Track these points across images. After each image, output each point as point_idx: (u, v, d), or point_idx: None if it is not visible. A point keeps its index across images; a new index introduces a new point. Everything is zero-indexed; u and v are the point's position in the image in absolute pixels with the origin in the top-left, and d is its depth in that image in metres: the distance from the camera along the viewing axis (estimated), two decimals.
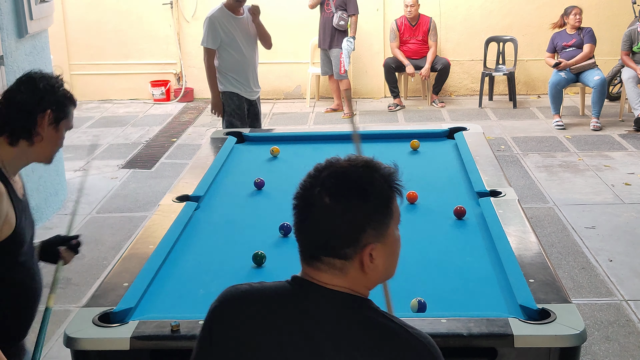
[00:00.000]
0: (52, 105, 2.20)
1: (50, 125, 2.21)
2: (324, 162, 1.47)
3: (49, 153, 2.30)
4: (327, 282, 1.45)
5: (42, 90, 2.20)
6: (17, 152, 2.21)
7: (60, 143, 2.30)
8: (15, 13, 5.13)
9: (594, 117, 7.72)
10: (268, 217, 3.25)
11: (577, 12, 7.92)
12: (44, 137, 2.21)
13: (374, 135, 4.51)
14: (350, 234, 1.41)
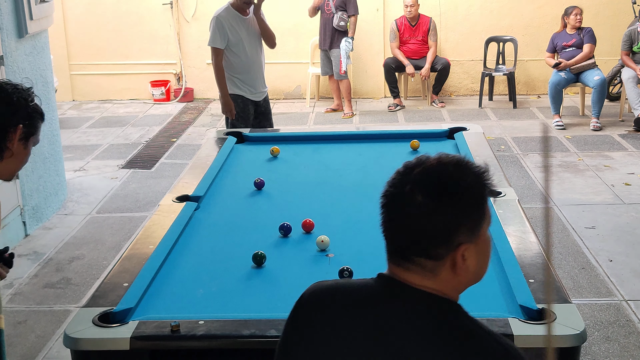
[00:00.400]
0: (24, 120, 2.12)
1: (20, 141, 2.13)
2: (413, 160, 1.43)
3: (14, 169, 2.20)
4: (417, 282, 1.42)
5: (16, 104, 2.10)
6: None
7: (26, 160, 2.21)
8: (15, 13, 5.13)
9: (594, 118, 7.72)
10: (268, 217, 3.25)
11: (577, 12, 7.92)
12: (13, 152, 2.12)
13: (374, 135, 4.51)
14: (443, 233, 1.38)
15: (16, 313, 4.17)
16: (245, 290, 2.61)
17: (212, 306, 2.48)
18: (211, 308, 2.47)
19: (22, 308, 4.23)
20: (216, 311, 2.43)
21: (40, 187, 5.48)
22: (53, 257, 4.91)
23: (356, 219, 3.23)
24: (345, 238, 3.01)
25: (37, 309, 4.21)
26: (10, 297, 4.37)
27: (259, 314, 2.36)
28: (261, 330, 2.21)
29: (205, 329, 2.23)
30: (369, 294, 1.47)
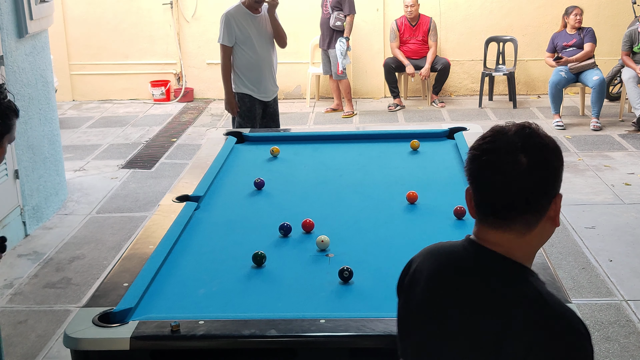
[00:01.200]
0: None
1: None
2: (495, 128, 1.51)
3: None
4: (509, 245, 1.50)
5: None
6: None
7: (2, 157, 2.15)
8: (15, 13, 5.13)
9: (593, 117, 7.73)
10: (268, 217, 3.25)
11: (577, 13, 7.92)
12: None
13: (374, 135, 4.51)
14: (546, 185, 1.49)
15: (16, 313, 4.17)
16: (245, 290, 2.61)
17: (212, 306, 2.48)
18: (211, 308, 2.47)
19: (22, 308, 4.23)
20: (216, 311, 2.43)
21: (41, 187, 5.48)
22: (53, 257, 4.91)
23: (356, 218, 3.23)
24: (345, 238, 3.01)
25: (37, 309, 4.21)
26: (10, 297, 4.37)
27: (259, 314, 2.36)
28: (261, 330, 2.21)
29: (205, 329, 2.23)
30: (461, 258, 1.57)
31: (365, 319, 2.26)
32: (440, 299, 1.55)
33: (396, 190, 3.51)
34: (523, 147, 1.45)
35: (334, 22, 8.23)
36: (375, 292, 2.55)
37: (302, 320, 2.27)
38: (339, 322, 2.25)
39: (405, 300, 1.65)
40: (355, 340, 2.21)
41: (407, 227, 3.16)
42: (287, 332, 2.22)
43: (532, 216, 1.48)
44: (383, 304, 2.46)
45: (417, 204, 3.35)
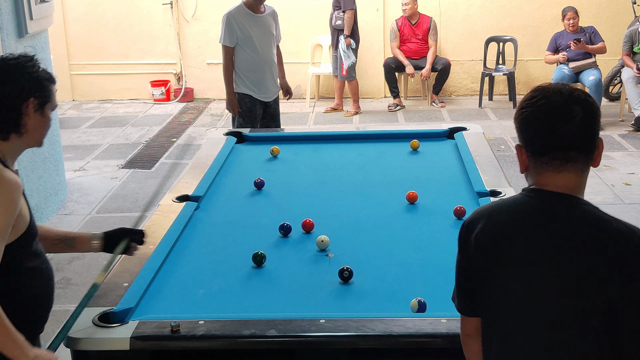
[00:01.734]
0: (34, 92, 2.14)
1: (35, 112, 2.16)
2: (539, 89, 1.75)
3: (40, 137, 2.26)
4: (570, 183, 1.71)
5: (22, 79, 2.12)
6: (10, 145, 2.20)
7: (48, 125, 2.24)
8: (15, 13, 5.12)
9: None
10: (268, 217, 3.25)
11: (571, 17, 7.93)
12: (31, 125, 2.17)
13: (374, 135, 4.51)
14: (597, 130, 1.73)
15: None
16: (245, 290, 2.61)
17: (212, 306, 2.48)
18: (211, 308, 2.47)
19: None
20: (216, 311, 2.43)
21: (40, 187, 5.48)
22: (53, 257, 4.89)
23: (356, 218, 3.23)
24: (345, 238, 3.01)
25: None
26: None
27: (259, 314, 2.36)
28: (261, 330, 2.21)
29: (205, 329, 2.23)
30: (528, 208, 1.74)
31: (365, 319, 2.26)
32: (539, 247, 1.69)
33: (396, 190, 3.51)
34: (573, 99, 1.70)
35: (335, 22, 8.24)
36: (375, 292, 2.55)
37: (302, 321, 2.27)
38: (338, 322, 2.25)
39: (488, 259, 1.74)
40: (355, 340, 2.21)
41: (407, 227, 3.16)
42: (287, 332, 2.22)
43: (588, 155, 1.71)
44: (383, 304, 2.46)
45: (417, 204, 3.35)
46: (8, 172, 2.13)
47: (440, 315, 2.27)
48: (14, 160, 2.25)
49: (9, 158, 2.21)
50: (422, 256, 2.82)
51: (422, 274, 2.67)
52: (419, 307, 2.35)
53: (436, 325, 2.21)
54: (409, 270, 2.71)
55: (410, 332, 2.20)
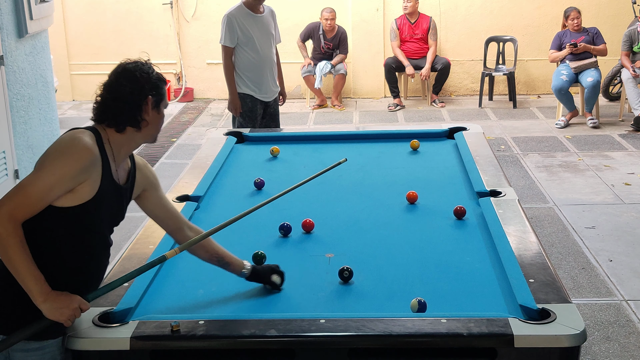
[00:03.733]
0: (151, 91, 2.35)
1: (153, 110, 2.36)
2: None
3: (155, 133, 2.43)
4: None
5: (141, 80, 2.36)
6: (124, 138, 2.34)
7: (162, 122, 2.44)
8: (15, 13, 5.12)
9: (587, 113, 7.77)
10: (268, 217, 3.25)
11: (574, 17, 7.92)
12: (149, 121, 2.36)
13: (374, 135, 4.51)
14: None
15: None
16: (245, 290, 2.61)
17: (212, 306, 2.48)
18: (211, 308, 2.47)
19: None
20: (216, 311, 2.43)
21: None
22: None
23: (356, 218, 3.23)
24: (345, 238, 3.01)
25: None
26: None
27: (259, 314, 2.36)
28: (261, 330, 2.21)
29: (205, 329, 2.23)
30: None
31: (365, 319, 2.26)
32: None
33: (396, 190, 3.51)
34: None
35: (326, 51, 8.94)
36: (375, 292, 2.55)
37: (302, 320, 2.27)
38: (338, 322, 2.25)
39: None
40: (355, 340, 2.21)
41: (407, 227, 3.16)
42: (287, 332, 2.22)
43: None
44: (383, 304, 2.46)
45: (417, 204, 3.35)
46: (89, 140, 2.24)
47: (440, 315, 2.27)
48: (125, 151, 2.37)
49: (118, 147, 2.34)
50: (422, 256, 2.82)
51: (422, 274, 2.67)
52: (419, 307, 2.35)
53: (436, 325, 2.21)
54: (409, 270, 2.71)
55: (410, 332, 2.20)
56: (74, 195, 2.20)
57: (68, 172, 2.16)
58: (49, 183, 2.14)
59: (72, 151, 2.19)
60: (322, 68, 8.75)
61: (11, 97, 5.06)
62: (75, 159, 2.18)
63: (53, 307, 2.13)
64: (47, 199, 2.16)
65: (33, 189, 2.13)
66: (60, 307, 2.14)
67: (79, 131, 2.27)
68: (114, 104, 2.35)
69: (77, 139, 2.22)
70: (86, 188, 2.22)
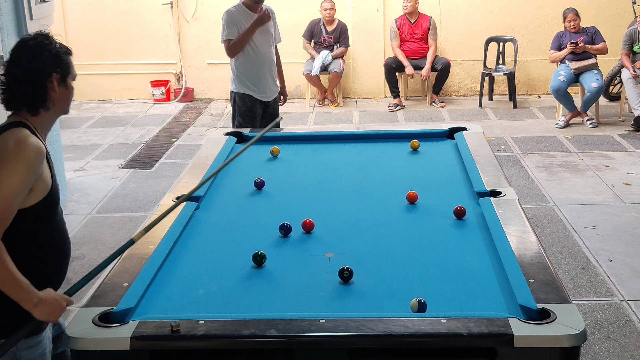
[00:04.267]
0: (55, 67, 2.30)
1: (59, 86, 2.33)
2: None
3: (66, 107, 2.42)
4: None
5: (42, 57, 2.27)
6: (40, 119, 2.34)
7: (72, 94, 2.41)
8: (15, 13, 5.13)
9: (584, 114, 7.78)
10: (268, 217, 3.25)
11: (570, 19, 7.92)
12: (57, 98, 2.33)
13: (374, 135, 4.51)
14: None
15: None
16: (245, 290, 2.61)
17: (212, 306, 2.48)
18: (211, 308, 2.47)
19: None
20: (216, 311, 2.43)
21: None
22: None
23: (356, 218, 3.23)
24: (345, 238, 3.01)
25: None
26: None
27: (259, 314, 2.36)
28: (261, 330, 2.21)
29: (205, 329, 2.23)
30: None
31: (365, 319, 2.26)
32: None
33: (396, 190, 3.51)
34: None
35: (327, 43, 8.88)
36: (375, 292, 2.55)
37: (302, 320, 2.27)
38: (338, 322, 2.25)
39: None
40: (355, 340, 2.21)
41: (407, 227, 3.16)
42: (287, 332, 2.22)
43: None
44: (383, 304, 2.46)
45: (417, 204, 3.35)
46: (32, 138, 2.25)
47: (440, 315, 2.27)
48: (46, 131, 2.40)
49: (40, 130, 2.35)
50: (422, 256, 2.82)
51: (422, 274, 2.67)
52: (419, 307, 2.35)
53: (436, 325, 2.21)
54: (409, 270, 2.71)
55: (410, 332, 2.20)
56: (32, 194, 2.24)
57: (27, 176, 2.18)
58: (13, 192, 2.15)
59: (23, 155, 2.18)
60: (324, 57, 8.75)
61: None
62: (29, 161, 2.19)
63: (44, 312, 2.21)
64: (15, 208, 2.18)
65: (1, 204, 2.14)
66: (51, 310, 2.22)
67: (15, 132, 2.23)
68: (19, 87, 2.28)
69: (20, 141, 2.21)
70: (41, 184, 2.26)
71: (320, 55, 8.77)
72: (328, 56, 8.78)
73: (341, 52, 8.90)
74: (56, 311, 2.23)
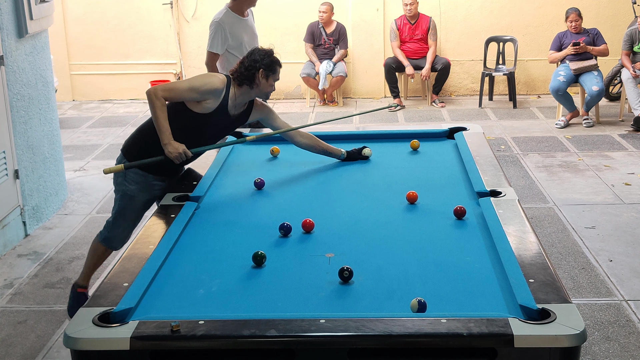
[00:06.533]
0: (263, 66, 3.63)
1: (262, 78, 3.63)
2: None
3: (263, 93, 3.70)
4: None
5: (259, 59, 3.65)
6: (242, 90, 3.65)
7: (270, 88, 3.69)
8: (15, 13, 5.13)
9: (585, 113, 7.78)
10: (268, 217, 3.25)
11: (572, 19, 7.91)
12: (259, 84, 3.64)
13: (374, 135, 4.51)
14: None
15: (16, 313, 4.17)
16: (245, 290, 2.61)
17: (212, 306, 2.48)
18: (211, 308, 2.47)
19: (22, 308, 4.23)
20: (216, 311, 2.43)
21: (41, 187, 5.48)
22: (53, 257, 4.91)
23: (356, 218, 3.23)
24: (345, 238, 3.01)
25: (37, 309, 4.21)
26: (10, 297, 4.37)
27: (259, 314, 2.36)
28: (261, 330, 2.21)
29: (205, 329, 2.23)
30: None
31: (365, 319, 2.26)
32: None
33: (396, 190, 3.51)
34: None
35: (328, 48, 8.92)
36: (375, 292, 2.55)
37: (302, 320, 2.27)
38: (338, 322, 2.25)
39: None
40: (355, 340, 2.21)
41: (407, 227, 3.16)
42: (287, 332, 2.22)
43: None
44: (383, 304, 2.46)
45: (417, 204, 3.35)
46: (219, 78, 3.60)
47: (440, 315, 2.27)
48: (242, 101, 3.70)
49: (237, 97, 3.66)
50: (422, 256, 2.82)
51: (422, 274, 2.67)
52: (418, 307, 2.35)
53: (436, 325, 2.21)
54: (409, 270, 2.71)
55: (410, 332, 2.20)
56: (199, 104, 3.58)
57: (193, 88, 3.54)
58: (187, 87, 3.55)
59: (203, 79, 3.62)
60: (325, 68, 8.76)
61: (11, 97, 5.06)
62: (202, 83, 3.57)
63: (170, 148, 3.50)
64: (182, 96, 3.56)
65: (178, 85, 3.58)
66: (174, 149, 3.50)
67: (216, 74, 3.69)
68: (243, 70, 3.66)
69: (211, 75, 3.67)
70: (203, 103, 3.58)
71: (322, 69, 8.75)
72: (329, 65, 8.77)
73: (342, 56, 8.89)
74: (176, 152, 3.50)
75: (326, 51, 8.91)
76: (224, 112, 3.62)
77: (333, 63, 8.79)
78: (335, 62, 8.82)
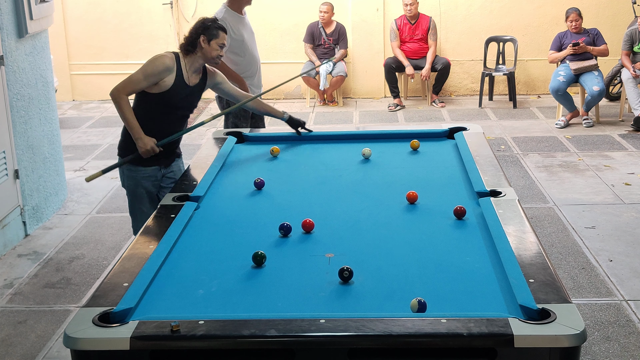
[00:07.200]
0: (203, 31, 3.91)
1: (204, 43, 3.90)
2: None
3: (209, 57, 3.97)
4: None
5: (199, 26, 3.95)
6: (190, 59, 3.96)
7: (215, 52, 3.95)
8: (15, 13, 5.13)
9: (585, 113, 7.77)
10: (268, 217, 3.25)
11: (572, 19, 7.91)
12: (203, 49, 3.92)
13: (374, 135, 4.51)
14: None
15: (16, 313, 4.17)
16: (245, 290, 2.61)
17: (212, 306, 2.48)
18: (211, 308, 2.47)
19: (22, 308, 4.23)
20: (216, 311, 2.43)
21: (40, 187, 5.48)
22: (53, 257, 4.91)
23: (356, 218, 3.23)
24: (345, 238, 3.01)
25: (37, 309, 4.21)
26: (10, 297, 4.37)
27: (259, 314, 2.36)
28: (261, 330, 2.21)
29: (205, 329, 2.23)
30: None
31: (365, 319, 2.26)
32: None
33: (396, 190, 3.51)
34: None
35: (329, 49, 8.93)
36: (375, 292, 2.55)
37: (302, 320, 2.27)
38: (338, 322, 2.25)
39: None
40: (355, 340, 2.21)
41: (407, 227, 3.16)
42: (287, 332, 2.22)
43: None
44: (383, 304, 2.46)
45: (417, 204, 3.35)
46: (166, 56, 3.87)
47: (440, 315, 2.27)
48: (194, 69, 4.01)
49: (188, 66, 3.97)
50: (422, 256, 2.82)
51: (422, 274, 2.67)
52: (418, 307, 2.35)
53: (436, 325, 2.21)
54: (409, 270, 2.71)
55: (410, 332, 2.20)
56: (157, 85, 3.83)
57: (146, 76, 3.79)
58: (142, 76, 3.78)
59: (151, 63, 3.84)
60: (326, 69, 8.78)
61: (11, 97, 5.07)
62: (152, 67, 3.81)
63: (140, 143, 3.80)
64: (141, 85, 3.80)
65: (133, 78, 3.79)
66: (143, 144, 3.80)
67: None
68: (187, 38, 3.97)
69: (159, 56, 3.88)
70: (160, 85, 3.84)
71: (322, 70, 8.77)
72: (329, 65, 8.78)
73: (342, 56, 8.89)
74: (145, 149, 3.81)
75: (326, 51, 8.92)
76: (182, 84, 3.93)
77: (333, 63, 8.80)
78: (335, 62, 8.82)
